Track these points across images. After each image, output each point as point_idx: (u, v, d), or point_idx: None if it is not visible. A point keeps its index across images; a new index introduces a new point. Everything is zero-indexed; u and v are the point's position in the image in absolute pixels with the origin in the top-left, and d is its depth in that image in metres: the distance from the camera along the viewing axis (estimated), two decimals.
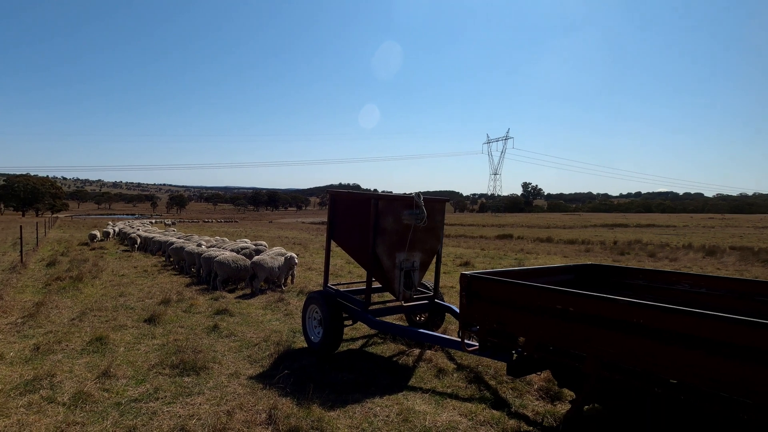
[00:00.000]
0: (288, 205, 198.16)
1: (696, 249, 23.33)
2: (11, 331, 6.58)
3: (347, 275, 12.72)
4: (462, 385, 4.86)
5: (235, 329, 6.88)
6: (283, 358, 5.61)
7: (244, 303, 8.72)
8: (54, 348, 5.80)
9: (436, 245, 6.37)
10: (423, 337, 5.24)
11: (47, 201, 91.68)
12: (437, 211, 6.29)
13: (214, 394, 4.53)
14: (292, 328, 7.01)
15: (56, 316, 7.52)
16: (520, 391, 4.66)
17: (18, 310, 7.86)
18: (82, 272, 11.46)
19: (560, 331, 3.31)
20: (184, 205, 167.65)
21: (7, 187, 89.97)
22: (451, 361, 5.56)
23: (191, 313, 7.83)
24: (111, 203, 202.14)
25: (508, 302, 3.67)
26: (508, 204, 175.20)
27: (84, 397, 4.30)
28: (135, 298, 9.02)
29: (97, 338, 6.11)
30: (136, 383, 4.76)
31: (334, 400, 4.40)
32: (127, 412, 4.10)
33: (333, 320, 5.64)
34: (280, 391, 4.49)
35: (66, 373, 4.97)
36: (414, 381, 4.99)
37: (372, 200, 5.59)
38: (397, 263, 5.87)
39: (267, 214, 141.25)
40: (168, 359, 5.37)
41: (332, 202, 6.52)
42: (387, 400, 4.45)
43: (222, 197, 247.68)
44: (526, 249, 23.42)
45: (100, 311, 7.80)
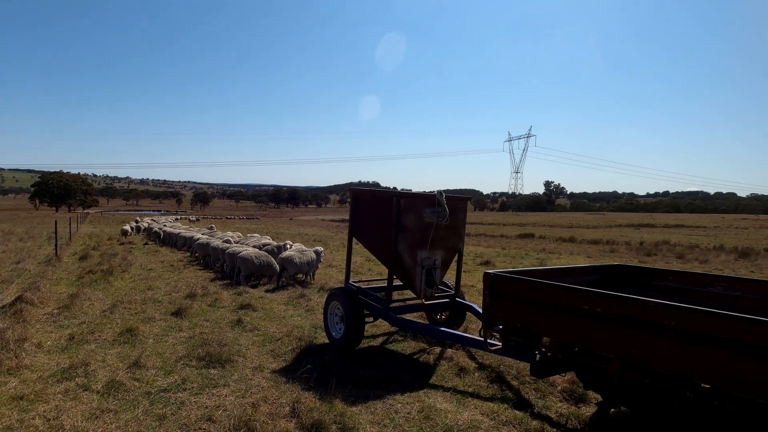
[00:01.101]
0: (308, 203, 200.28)
1: (728, 251, 22.44)
2: (48, 321, 6.89)
3: (367, 273, 12.78)
4: (483, 385, 4.83)
5: (258, 324, 7.02)
6: (305, 353, 5.70)
7: (266, 298, 8.88)
8: (87, 338, 6.05)
9: (457, 243, 6.34)
10: (444, 336, 5.23)
11: (79, 197, 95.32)
12: (459, 209, 6.26)
13: (239, 386, 4.64)
14: (313, 323, 7.10)
15: (89, 307, 7.83)
16: (543, 392, 4.60)
17: (54, 301, 8.22)
18: (112, 266, 11.88)
19: (586, 332, 3.26)
20: (208, 202, 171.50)
21: (42, 183, 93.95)
22: (472, 360, 5.53)
23: (216, 308, 8.02)
24: (138, 200, 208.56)
25: (533, 302, 3.62)
26: (529, 203, 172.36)
27: (116, 386, 4.47)
28: (162, 292, 9.30)
29: (128, 330, 6.33)
30: (165, 374, 4.92)
31: (356, 395, 4.44)
32: (156, 401, 4.24)
33: (354, 317, 5.68)
34: (303, 385, 4.57)
35: (99, 362, 5.17)
36: (435, 379, 4.99)
37: (394, 198, 5.60)
38: (419, 261, 5.87)
39: (287, 212, 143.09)
40: (194, 351, 5.53)
41: (354, 200, 6.56)
42: (408, 397, 4.46)
43: (244, 194, 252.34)
44: (548, 249, 23.00)
45: (129, 304, 8.08)
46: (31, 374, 4.78)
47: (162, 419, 3.89)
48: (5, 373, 4.70)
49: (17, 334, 5.73)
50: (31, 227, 30.93)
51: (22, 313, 6.84)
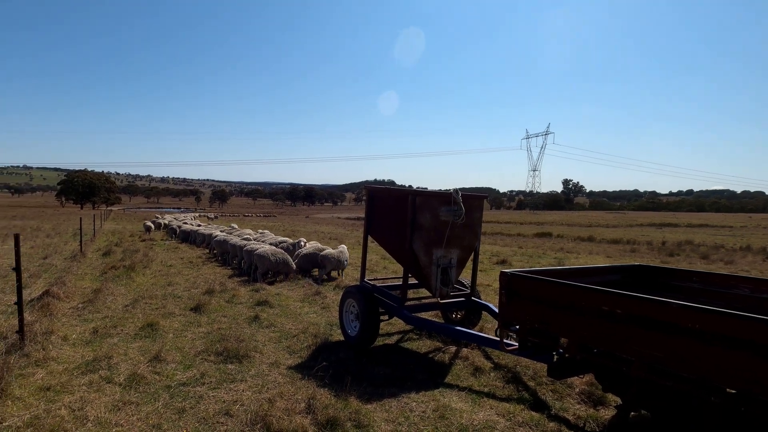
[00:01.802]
0: (324, 201, 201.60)
1: (755, 251, 21.69)
2: (73, 315, 7.11)
3: (382, 271, 12.80)
4: (499, 385, 4.78)
5: (274, 320, 7.10)
6: (320, 350, 5.74)
7: (283, 295, 8.98)
8: (110, 332, 6.22)
9: (473, 242, 6.29)
10: (460, 335, 5.20)
11: (102, 195, 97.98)
12: (475, 207, 6.21)
13: (255, 381, 4.70)
14: (329, 321, 7.15)
15: (112, 302, 8.05)
16: (561, 393, 4.53)
17: (79, 295, 8.47)
18: (134, 262, 12.18)
19: (606, 333, 3.19)
20: (226, 199, 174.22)
21: (68, 181, 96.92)
22: (488, 360, 5.48)
23: (233, 304, 8.15)
24: (159, 197, 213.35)
25: (551, 302, 3.57)
26: (547, 201, 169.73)
27: (138, 379, 4.59)
28: (182, 288, 9.49)
29: (149, 324, 6.49)
30: (184, 368, 5.02)
31: (371, 393, 4.45)
32: (176, 394, 4.34)
33: (370, 315, 5.69)
34: (319, 382, 4.60)
35: (121, 355, 5.31)
36: (450, 378, 4.96)
37: (410, 196, 5.59)
38: (434, 260, 5.84)
39: (303, 209, 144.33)
40: (213, 347, 5.63)
41: (369, 198, 6.57)
42: (423, 395, 4.45)
43: (261, 192, 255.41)
44: (566, 248, 22.64)
45: (150, 299, 8.27)
46: (57, 366, 4.95)
47: (181, 412, 3.98)
48: (33, 364, 4.87)
49: (44, 326, 5.93)
50: (58, 224, 31.93)
51: (49, 306, 7.08)
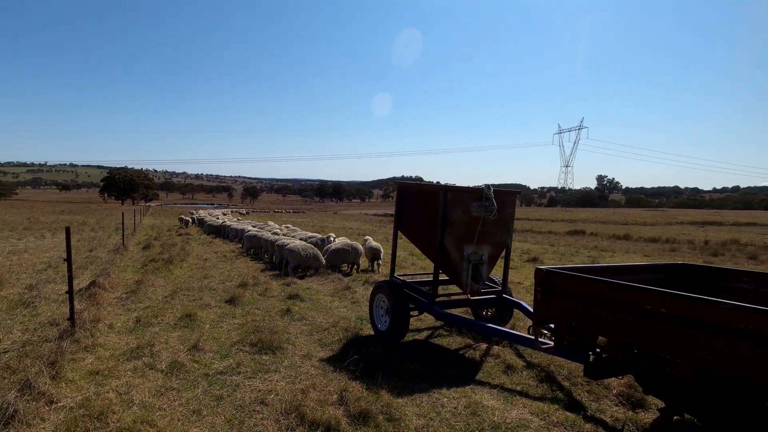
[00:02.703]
0: (352, 197, 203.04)
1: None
2: (117, 305, 7.48)
3: (411, 267, 12.79)
4: (532, 384, 4.70)
5: (306, 314, 7.23)
6: (351, 343, 5.81)
7: (313, 289, 9.13)
8: (152, 321, 6.51)
9: (505, 239, 6.19)
10: (492, 332, 5.13)
11: (141, 191, 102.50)
12: (507, 203, 6.10)
13: (289, 372, 4.81)
14: (359, 315, 7.22)
15: (152, 293, 8.42)
16: (597, 394, 4.40)
17: (122, 286, 8.91)
18: (172, 255, 12.68)
19: (649, 334, 3.07)
20: (257, 195, 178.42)
21: (110, 179, 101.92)
22: (519, 359, 5.39)
23: (266, 297, 8.36)
24: (194, 194, 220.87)
25: (590, 299, 3.46)
26: (580, 198, 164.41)
27: (178, 366, 4.79)
28: (217, 281, 9.81)
29: (187, 315, 6.75)
30: (221, 357, 5.20)
31: (402, 387, 4.47)
32: (214, 382, 4.50)
33: (400, 310, 5.71)
34: (350, 375, 4.66)
35: (162, 344, 5.56)
36: (481, 375, 4.91)
37: (440, 192, 5.55)
38: (465, 256, 5.78)
39: (332, 206, 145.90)
40: (247, 338, 5.79)
41: (400, 194, 6.56)
42: (454, 392, 4.43)
43: (291, 189, 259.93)
44: (600, 246, 21.89)
45: (188, 291, 8.60)
46: (104, 352, 5.23)
47: (219, 400, 4.12)
48: (83, 349, 5.16)
49: (92, 315, 6.28)
50: (101, 218, 33.63)
51: (95, 296, 7.48)
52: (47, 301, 7.37)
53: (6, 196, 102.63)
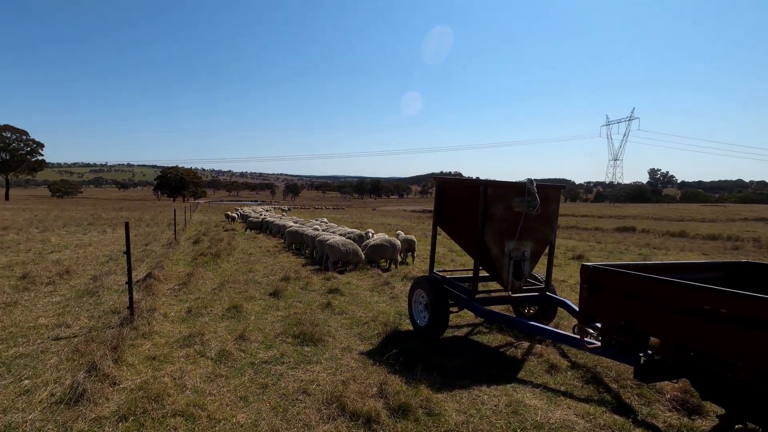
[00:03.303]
0: (390, 194, 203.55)
1: None
2: (171, 295, 7.95)
3: (450, 263, 12.68)
4: (577, 385, 4.54)
5: (345, 308, 7.36)
6: (390, 338, 5.86)
7: (352, 284, 9.26)
8: (202, 312, 6.86)
9: (549, 235, 6.00)
10: (535, 331, 5.00)
11: (191, 189, 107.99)
12: (551, 199, 5.91)
13: (330, 364, 4.93)
14: (398, 310, 7.26)
15: (202, 285, 8.87)
16: (648, 398, 4.19)
17: (174, 278, 9.44)
18: (219, 250, 13.29)
19: (707, 335, 2.88)
20: (298, 192, 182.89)
21: (163, 177, 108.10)
22: (564, 358, 5.22)
23: (307, 291, 8.58)
24: (239, 191, 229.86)
25: (641, 298, 3.29)
26: (630, 193, 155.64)
27: (226, 355, 5.03)
28: (261, 274, 10.18)
29: (233, 306, 7.06)
30: (266, 348, 5.40)
31: (441, 383, 4.46)
32: (259, 371, 4.69)
33: (439, 306, 5.69)
34: (390, 369, 4.71)
35: (211, 333, 5.85)
36: (523, 374, 4.81)
37: (481, 186, 5.46)
38: (506, 252, 5.67)
39: (371, 202, 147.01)
40: (290, 329, 5.98)
41: (439, 189, 6.52)
42: (495, 389, 4.37)
43: (330, 186, 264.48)
44: (652, 244, 20.68)
45: (234, 284, 8.99)
46: (160, 339, 5.58)
47: (264, 388, 4.30)
48: (141, 336, 5.53)
49: (149, 304, 6.71)
50: (155, 215, 35.77)
51: (151, 287, 7.98)
52: (109, 291, 7.96)
53: (72, 194, 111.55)
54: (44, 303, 7.10)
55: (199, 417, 3.64)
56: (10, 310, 6.59)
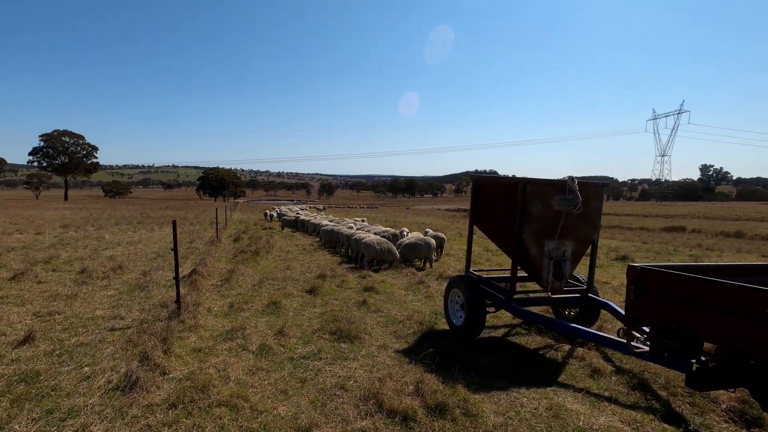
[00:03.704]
0: (424, 192, 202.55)
1: None
2: (214, 291, 8.29)
3: (485, 263, 12.48)
4: (623, 390, 4.35)
5: (381, 306, 7.41)
6: (426, 337, 5.84)
7: (387, 283, 9.30)
8: (243, 307, 7.12)
9: (591, 234, 5.79)
10: (577, 333, 4.84)
11: (231, 189, 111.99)
12: (594, 197, 5.69)
13: (366, 361, 4.98)
14: (433, 309, 7.22)
15: (242, 281, 9.19)
16: (702, 408, 3.96)
17: (217, 274, 9.84)
18: (258, 248, 13.71)
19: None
20: (332, 192, 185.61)
21: (205, 178, 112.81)
22: (607, 363, 5.02)
23: (343, 288, 8.70)
24: (275, 191, 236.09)
25: (695, 301, 3.11)
26: (679, 191, 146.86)
27: (266, 349, 5.20)
28: (298, 272, 10.42)
29: (273, 302, 7.27)
30: (304, 343, 5.53)
31: (479, 383, 4.41)
32: (298, 366, 4.81)
33: (476, 305, 5.62)
34: (426, 367, 4.70)
35: (252, 327, 6.05)
36: (564, 377, 4.66)
37: (519, 184, 5.34)
38: (546, 252, 5.51)
39: (404, 201, 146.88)
40: (327, 326, 6.09)
41: (476, 188, 6.43)
42: (534, 392, 4.27)
43: (364, 185, 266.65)
44: (705, 245, 19.46)
45: (273, 280, 9.25)
46: (204, 332, 5.83)
47: (303, 382, 4.40)
48: (187, 329, 5.81)
49: (194, 299, 7.03)
50: (198, 214, 37.36)
51: (196, 283, 8.36)
52: (158, 286, 8.40)
53: (123, 194, 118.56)
54: (100, 296, 7.59)
55: (243, 408, 3.79)
56: (71, 302, 7.09)
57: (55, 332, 5.63)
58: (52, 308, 6.61)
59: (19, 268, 9.34)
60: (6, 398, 3.85)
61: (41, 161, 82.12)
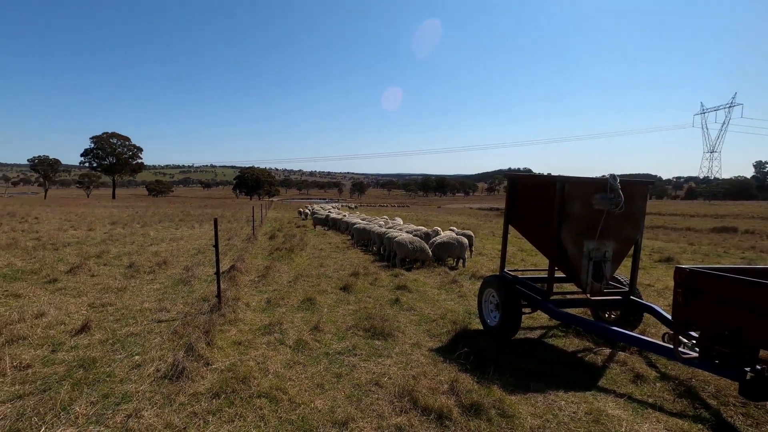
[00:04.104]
0: (456, 191, 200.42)
1: None
2: (252, 286, 8.57)
3: (520, 263, 12.23)
4: (668, 398, 4.17)
5: (414, 304, 7.42)
6: (460, 336, 5.81)
7: (420, 281, 9.30)
8: (279, 302, 7.32)
9: (634, 234, 5.57)
10: (619, 337, 4.68)
11: (265, 188, 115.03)
12: (637, 195, 5.48)
13: (400, 359, 5.01)
14: (466, 309, 7.17)
15: (278, 278, 9.44)
16: (757, 419, 3.74)
17: (254, 271, 10.15)
18: (292, 245, 14.02)
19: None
20: (364, 191, 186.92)
21: (241, 177, 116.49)
22: (651, 368, 4.83)
23: (376, 286, 8.77)
24: (308, 189, 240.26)
25: (752, 306, 2.95)
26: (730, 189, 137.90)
27: (303, 344, 5.33)
28: (331, 269, 10.59)
29: (308, 299, 7.44)
30: (339, 339, 5.63)
31: (515, 385, 4.35)
32: (334, 361, 4.91)
33: (511, 306, 5.53)
34: (460, 367, 4.68)
35: (289, 323, 6.22)
36: (604, 382, 4.52)
37: (557, 183, 5.21)
38: (585, 252, 5.36)
39: (435, 200, 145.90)
40: (361, 323, 6.17)
41: (511, 186, 6.33)
42: (572, 396, 4.17)
43: (395, 183, 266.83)
44: (759, 246, 18.23)
45: (307, 277, 9.45)
46: (244, 326, 6.05)
47: (339, 377, 4.49)
48: (228, 323, 6.04)
49: (233, 294, 7.30)
50: (235, 212, 38.60)
51: (234, 278, 8.67)
52: (199, 281, 8.77)
53: (165, 193, 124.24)
54: (147, 289, 8.02)
55: (282, 399, 3.91)
56: (121, 295, 7.53)
57: (108, 322, 6.01)
58: (104, 300, 7.05)
59: (75, 262, 10.00)
60: (67, 382, 4.15)
61: (92, 162, 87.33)
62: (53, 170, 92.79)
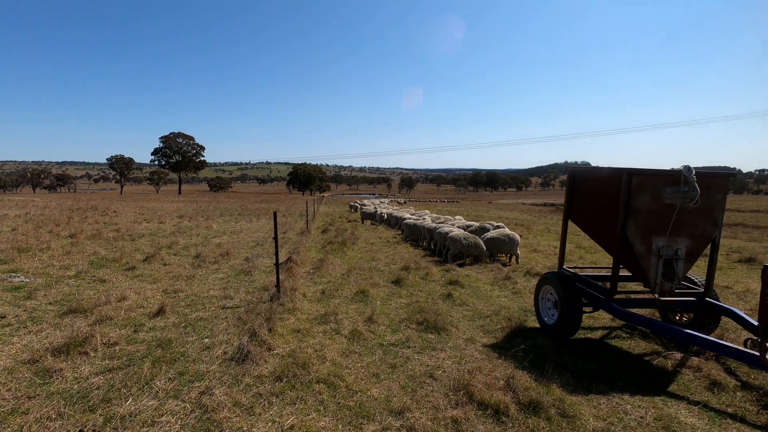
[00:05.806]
0: (507, 186, 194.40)
1: None
2: (307, 278, 8.89)
3: (578, 260, 11.68)
4: (751, 408, 3.84)
5: (466, 300, 7.35)
6: (515, 333, 5.68)
7: (472, 277, 9.18)
8: (334, 294, 7.54)
9: (711, 231, 5.14)
10: (694, 341, 4.35)
11: (317, 183, 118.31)
12: (715, 189, 5.05)
13: (454, 353, 5.00)
14: (521, 306, 6.99)
15: (332, 270, 9.71)
16: None
17: (309, 263, 10.52)
18: (344, 239, 14.35)
19: None
20: (413, 186, 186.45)
21: (294, 173, 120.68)
22: (730, 376, 4.46)
23: (427, 281, 8.77)
24: (358, 185, 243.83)
25: None
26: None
27: (357, 334, 5.47)
28: (383, 263, 10.72)
29: (360, 291, 7.60)
30: (392, 331, 5.72)
31: (575, 385, 4.20)
32: (388, 352, 5.00)
33: (571, 304, 5.33)
34: (517, 364, 4.59)
35: (343, 314, 6.40)
36: (675, 388, 4.24)
37: (624, 176, 4.92)
38: (654, 249, 5.03)
39: (486, 195, 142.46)
40: (413, 316, 6.22)
41: (571, 180, 6.07)
42: (640, 400, 3.95)
43: (444, 179, 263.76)
44: None
45: (359, 270, 9.64)
46: (301, 315, 6.31)
47: (393, 368, 4.57)
48: (287, 311, 6.33)
49: (291, 285, 7.61)
50: (289, 207, 40.05)
51: (291, 270, 9.04)
52: (259, 271, 9.24)
53: (224, 189, 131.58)
54: (212, 278, 8.58)
55: (339, 386, 4.06)
56: (191, 282, 8.12)
57: (180, 307, 6.51)
58: (176, 287, 7.64)
59: (149, 251, 10.90)
60: (148, 359, 4.57)
61: (160, 160, 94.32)
62: (128, 168, 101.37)
